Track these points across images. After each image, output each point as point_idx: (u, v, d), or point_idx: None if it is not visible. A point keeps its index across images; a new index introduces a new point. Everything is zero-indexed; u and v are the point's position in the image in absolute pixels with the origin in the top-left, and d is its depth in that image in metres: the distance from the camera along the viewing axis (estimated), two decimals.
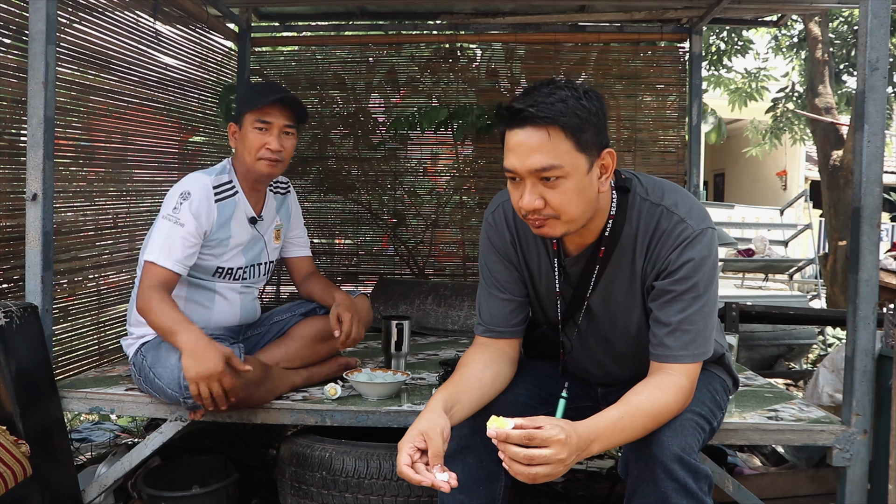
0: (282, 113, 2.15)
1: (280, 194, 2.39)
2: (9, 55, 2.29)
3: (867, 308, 1.94)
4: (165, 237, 2.05)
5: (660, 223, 1.50)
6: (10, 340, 1.95)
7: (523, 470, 1.25)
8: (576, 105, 1.37)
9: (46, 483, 1.96)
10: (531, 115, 1.36)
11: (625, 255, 1.54)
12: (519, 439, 1.24)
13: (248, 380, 1.97)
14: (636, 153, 3.82)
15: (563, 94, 1.38)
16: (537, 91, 1.39)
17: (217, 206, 2.14)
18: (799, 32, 7.74)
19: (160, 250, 2.04)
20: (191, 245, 2.08)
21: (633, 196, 1.53)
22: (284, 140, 2.16)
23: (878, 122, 1.92)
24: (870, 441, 1.96)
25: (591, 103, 1.40)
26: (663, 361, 1.48)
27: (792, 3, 3.48)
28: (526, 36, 3.82)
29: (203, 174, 2.17)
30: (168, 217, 2.07)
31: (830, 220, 6.14)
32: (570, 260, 1.60)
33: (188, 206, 2.07)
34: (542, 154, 1.36)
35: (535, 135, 1.36)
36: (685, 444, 1.40)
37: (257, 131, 2.14)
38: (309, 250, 2.50)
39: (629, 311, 1.59)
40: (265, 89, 2.22)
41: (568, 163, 1.37)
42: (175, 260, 2.05)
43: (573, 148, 1.37)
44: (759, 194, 14.89)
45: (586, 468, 3.02)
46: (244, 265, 2.26)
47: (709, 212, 1.57)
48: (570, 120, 1.36)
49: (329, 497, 2.00)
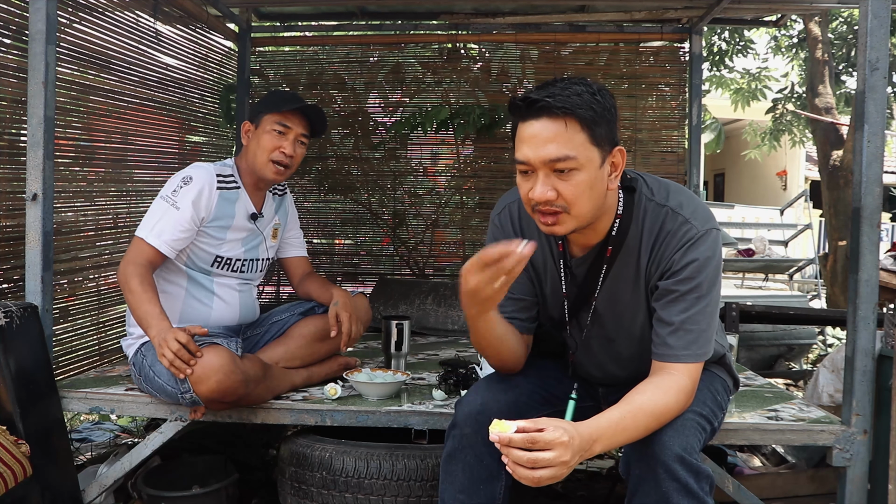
0: (301, 122, 2.21)
1: (278, 195, 2.42)
2: (9, 55, 2.29)
3: (867, 308, 1.93)
4: (159, 217, 2.09)
5: (665, 223, 1.51)
6: (10, 340, 1.95)
7: (528, 474, 1.25)
8: (591, 99, 1.39)
9: (46, 483, 1.96)
10: (548, 105, 1.37)
11: (630, 255, 1.55)
12: (522, 443, 1.24)
13: (248, 377, 1.98)
14: (636, 153, 3.82)
15: (578, 88, 1.40)
16: (552, 85, 1.41)
17: (218, 192, 2.17)
18: (799, 32, 7.74)
19: (151, 229, 2.08)
20: (183, 230, 2.10)
21: (639, 196, 1.54)
22: (297, 147, 2.22)
23: (878, 122, 1.92)
24: (870, 441, 1.96)
25: (605, 99, 1.42)
26: (665, 361, 1.49)
27: (792, 3, 3.48)
28: (526, 36, 3.82)
29: (208, 164, 2.22)
30: (166, 198, 2.11)
31: (830, 220, 6.14)
32: (575, 261, 1.60)
33: (187, 192, 2.11)
34: (558, 144, 1.38)
35: (551, 125, 1.38)
36: (687, 444, 1.40)
37: (275, 133, 2.18)
38: (305, 251, 2.52)
39: (634, 313, 1.60)
40: (290, 96, 2.27)
41: (582, 155, 1.39)
42: (163, 240, 2.08)
43: (588, 140, 1.39)
44: (759, 194, 14.89)
45: (586, 468, 3.01)
46: (242, 257, 2.27)
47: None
48: (585, 112, 1.38)
49: (329, 497, 2.00)
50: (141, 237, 2.08)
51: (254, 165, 2.22)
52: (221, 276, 2.25)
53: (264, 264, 2.37)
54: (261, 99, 2.36)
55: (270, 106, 2.21)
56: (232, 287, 2.28)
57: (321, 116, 2.26)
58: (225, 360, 1.92)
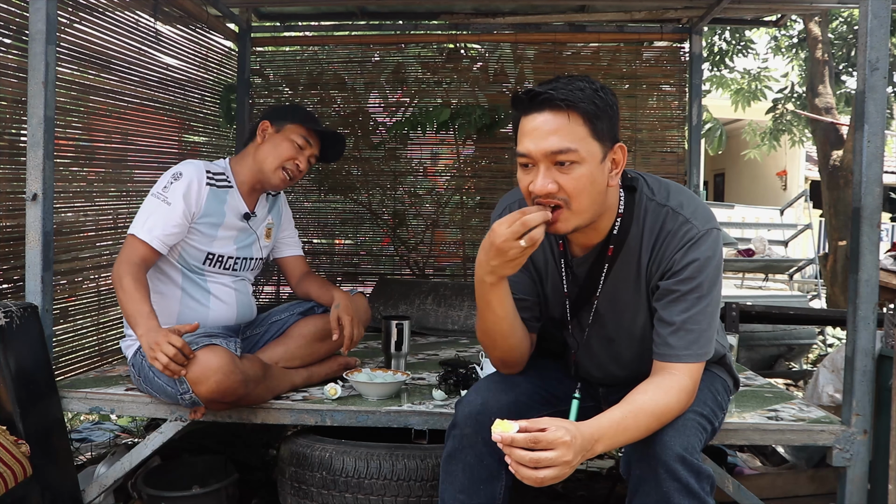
0: (318, 144, 2.29)
1: (271, 195, 2.42)
2: (9, 55, 2.29)
3: (867, 308, 1.93)
4: (151, 213, 2.10)
5: (665, 223, 1.51)
6: (10, 340, 1.95)
7: (531, 474, 1.25)
8: (593, 94, 1.41)
9: (46, 483, 1.96)
10: (551, 98, 1.39)
11: (631, 255, 1.55)
12: (524, 443, 1.25)
13: (248, 377, 1.98)
14: (636, 153, 3.82)
15: (581, 83, 1.42)
16: (555, 80, 1.42)
17: (208, 188, 2.18)
18: (799, 32, 7.74)
19: (143, 225, 2.09)
20: (174, 225, 2.11)
21: (640, 195, 1.54)
22: (307, 164, 2.27)
23: (878, 122, 1.92)
24: (870, 441, 1.96)
25: (607, 96, 1.44)
26: (666, 361, 1.49)
27: (792, 3, 3.48)
28: (526, 36, 3.82)
29: (198, 161, 2.25)
30: (157, 195, 2.13)
31: (830, 220, 6.14)
32: (576, 261, 1.60)
33: (177, 187, 2.12)
34: (560, 136, 1.39)
35: (553, 118, 1.39)
36: (687, 444, 1.40)
37: (296, 145, 2.23)
38: (301, 250, 2.53)
39: (635, 313, 1.60)
40: (317, 120, 2.35)
41: (584, 148, 1.40)
42: (155, 236, 2.08)
43: (589, 134, 1.40)
44: (759, 194, 14.89)
45: (586, 468, 3.01)
46: (235, 255, 2.28)
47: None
48: (588, 106, 1.39)
49: (329, 497, 2.00)
50: (133, 234, 2.09)
51: (262, 167, 2.23)
52: (214, 275, 2.25)
53: (257, 263, 2.38)
54: (289, 105, 2.44)
55: (300, 118, 2.26)
56: (227, 286, 2.28)
57: (340, 149, 2.36)
58: (224, 360, 1.91)
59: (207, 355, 1.91)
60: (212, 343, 1.97)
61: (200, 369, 1.89)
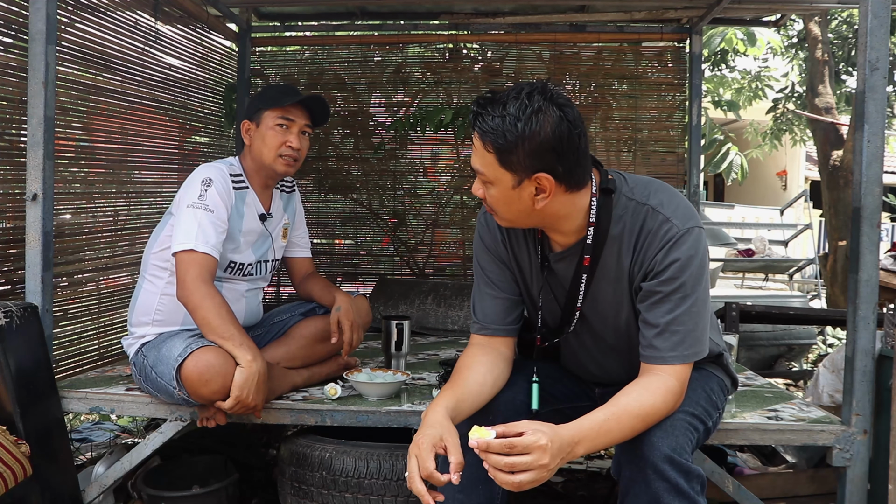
0: (302, 113, 2.19)
1: (286, 192, 2.39)
2: (9, 55, 2.29)
3: (867, 308, 1.93)
4: (198, 224, 2.00)
5: (645, 223, 1.50)
6: (10, 340, 1.95)
7: (507, 478, 1.27)
8: (511, 126, 1.37)
9: (46, 483, 1.96)
10: (472, 122, 1.44)
11: (610, 255, 1.54)
12: (500, 448, 1.26)
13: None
14: (636, 153, 3.82)
15: (510, 109, 1.38)
16: (496, 100, 1.41)
17: (234, 192, 2.14)
18: (799, 32, 7.74)
19: (196, 237, 1.99)
20: (221, 231, 2.06)
21: (618, 196, 1.52)
22: (302, 140, 2.19)
23: (878, 122, 1.92)
24: (870, 441, 1.96)
25: (534, 125, 1.36)
26: (653, 363, 1.48)
27: (792, 3, 3.48)
28: (526, 36, 3.82)
29: (216, 163, 2.17)
30: (195, 205, 2.02)
31: (830, 220, 6.14)
32: (554, 255, 1.60)
33: (214, 192, 2.05)
34: (476, 157, 1.46)
35: (476, 138, 1.44)
36: (676, 445, 1.40)
37: (278, 128, 2.15)
38: (309, 251, 2.49)
39: (617, 311, 1.59)
40: (288, 90, 2.23)
41: (491, 174, 1.44)
42: (212, 245, 2.01)
43: (496, 162, 1.42)
44: (759, 194, 14.89)
45: (586, 468, 3.01)
46: (253, 261, 2.25)
47: (705, 212, 1.58)
48: (496, 139, 1.39)
49: (329, 497, 2.00)
50: (189, 248, 1.98)
51: (261, 162, 2.18)
52: (231, 281, 2.22)
53: (273, 265, 2.34)
54: (256, 95, 2.30)
55: (269, 101, 2.16)
56: (240, 292, 2.25)
57: (322, 105, 2.22)
58: (225, 361, 1.91)
59: (209, 356, 1.90)
60: (212, 343, 1.96)
61: (202, 370, 1.89)
